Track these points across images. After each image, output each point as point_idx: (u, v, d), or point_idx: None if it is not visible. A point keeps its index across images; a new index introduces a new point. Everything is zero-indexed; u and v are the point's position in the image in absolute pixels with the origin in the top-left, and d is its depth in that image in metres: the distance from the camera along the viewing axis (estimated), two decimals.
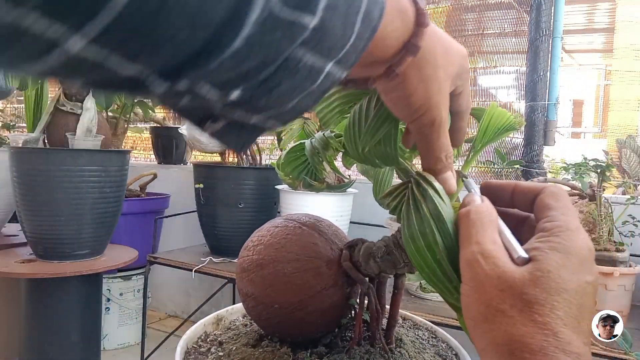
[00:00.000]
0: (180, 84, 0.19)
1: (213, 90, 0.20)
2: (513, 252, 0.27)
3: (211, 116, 0.24)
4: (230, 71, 0.19)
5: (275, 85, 0.22)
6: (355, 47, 0.23)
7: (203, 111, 0.23)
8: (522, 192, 0.32)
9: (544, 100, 1.63)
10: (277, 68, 0.21)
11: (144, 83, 0.18)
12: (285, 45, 0.20)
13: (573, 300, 0.25)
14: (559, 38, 1.61)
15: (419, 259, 0.32)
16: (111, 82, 0.18)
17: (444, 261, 0.31)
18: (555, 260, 0.26)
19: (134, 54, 0.17)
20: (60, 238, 1.39)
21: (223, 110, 0.23)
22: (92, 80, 0.18)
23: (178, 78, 0.19)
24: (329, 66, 0.23)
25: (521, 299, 0.25)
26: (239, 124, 0.24)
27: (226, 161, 1.68)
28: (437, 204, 0.31)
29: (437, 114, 0.32)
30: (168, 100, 0.21)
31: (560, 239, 0.27)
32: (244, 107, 0.23)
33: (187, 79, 0.19)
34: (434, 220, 0.31)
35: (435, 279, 0.31)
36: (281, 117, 0.25)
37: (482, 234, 0.28)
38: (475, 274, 0.27)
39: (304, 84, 0.23)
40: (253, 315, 0.48)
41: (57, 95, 1.47)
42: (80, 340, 1.46)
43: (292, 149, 0.53)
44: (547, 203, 0.30)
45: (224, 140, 0.26)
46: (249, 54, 0.19)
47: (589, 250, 0.27)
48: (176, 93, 0.20)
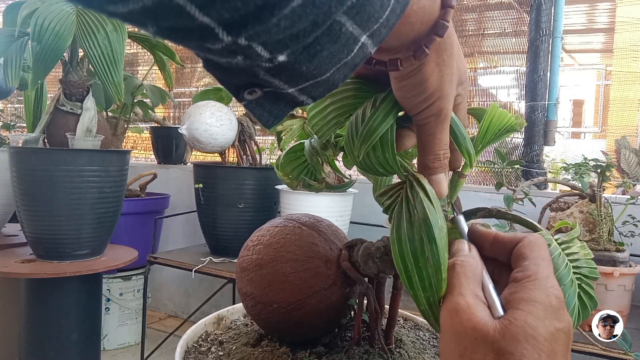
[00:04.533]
0: (241, 39, 0.20)
1: (265, 50, 0.21)
2: (494, 310, 0.29)
3: (250, 85, 0.25)
4: (285, 30, 0.20)
5: (317, 50, 0.23)
6: (388, 21, 0.24)
7: (245, 77, 0.24)
8: (501, 243, 0.33)
9: (544, 100, 1.63)
10: (322, 33, 0.22)
11: (214, 30, 0.19)
12: (335, 7, 0.21)
13: (543, 347, 0.26)
14: (559, 38, 1.61)
15: (400, 262, 0.32)
16: (184, 29, 0.19)
17: (426, 271, 0.31)
18: (523, 310, 0.27)
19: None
20: (60, 238, 1.39)
21: (266, 75, 0.24)
22: (168, 26, 0.19)
23: (241, 31, 0.19)
24: (364, 38, 0.24)
25: (492, 349, 0.26)
26: (273, 96, 0.26)
27: (226, 161, 1.68)
28: (426, 208, 0.31)
29: (445, 104, 0.33)
30: (222, 59, 0.22)
31: (527, 289, 0.28)
32: (286, 73, 0.24)
33: (248, 33, 0.20)
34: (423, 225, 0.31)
35: (415, 285, 0.31)
36: (314, 91, 0.26)
37: (465, 287, 0.30)
38: (453, 323, 0.28)
39: (341, 53, 0.24)
40: (252, 314, 0.48)
41: (57, 95, 1.47)
42: (80, 340, 1.46)
43: (292, 149, 0.53)
44: (522, 252, 0.31)
45: (255, 113, 0.27)
46: (304, 13, 0.20)
47: (557, 298, 0.28)
48: (233, 50, 0.21)
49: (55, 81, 2.61)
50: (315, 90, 0.26)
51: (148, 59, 2.71)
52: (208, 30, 0.19)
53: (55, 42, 1.23)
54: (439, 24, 0.29)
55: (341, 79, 0.26)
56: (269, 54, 0.21)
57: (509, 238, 0.32)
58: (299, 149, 0.52)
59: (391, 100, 0.34)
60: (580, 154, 1.63)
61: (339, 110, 0.38)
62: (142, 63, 2.88)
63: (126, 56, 2.36)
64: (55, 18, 1.24)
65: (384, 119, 0.34)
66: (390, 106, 0.34)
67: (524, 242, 0.31)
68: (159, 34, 0.20)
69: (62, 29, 1.24)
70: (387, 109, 0.34)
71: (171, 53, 1.71)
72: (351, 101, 0.38)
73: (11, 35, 1.38)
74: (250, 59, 0.22)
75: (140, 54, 2.85)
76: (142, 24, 0.19)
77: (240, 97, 0.26)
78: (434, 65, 0.31)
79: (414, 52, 0.30)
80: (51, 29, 1.23)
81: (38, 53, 1.23)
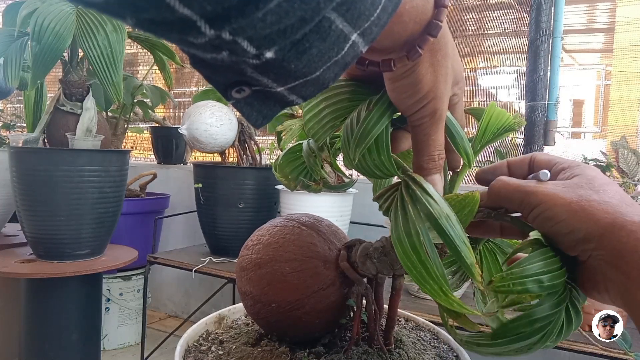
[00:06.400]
0: (225, 33, 0.19)
1: (251, 46, 0.21)
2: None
3: (237, 83, 0.24)
4: (272, 26, 0.20)
5: (306, 48, 0.22)
6: (379, 19, 0.24)
7: (233, 74, 0.24)
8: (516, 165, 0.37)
9: (544, 100, 1.63)
10: (311, 30, 0.21)
11: (196, 24, 0.18)
12: (324, 3, 0.20)
13: None
14: (559, 38, 1.61)
15: (406, 259, 0.32)
16: (164, 22, 0.19)
17: (429, 262, 0.31)
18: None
19: None
20: (60, 238, 1.39)
21: (253, 73, 0.23)
22: (147, 18, 0.19)
23: (224, 25, 0.19)
24: (354, 36, 0.23)
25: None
26: (262, 95, 0.25)
27: (226, 161, 1.68)
28: (427, 203, 0.31)
29: (439, 104, 0.33)
30: (206, 54, 0.22)
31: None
32: (274, 71, 0.23)
33: (232, 27, 0.19)
34: (423, 220, 0.31)
35: (423, 280, 0.31)
36: (304, 90, 0.25)
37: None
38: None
39: (331, 51, 0.23)
40: (252, 314, 0.48)
41: (57, 95, 1.47)
42: (80, 340, 1.46)
43: (291, 150, 0.53)
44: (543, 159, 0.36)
45: (244, 113, 0.26)
46: (291, 8, 0.19)
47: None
48: (217, 45, 0.20)
49: (55, 81, 2.61)
50: (305, 90, 0.25)
51: (148, 59, 2.71)
52: (189, 23, 0.18)
53: (54, 42, 1.23)
54: (433, 24, 0.29)
55: (332, 78, 0.25)
56: (256, 49, 0.21)
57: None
58: (297, 149, 0.52)
59: (385, 102, 0.34)
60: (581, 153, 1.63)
61: (334, 113, 0.38)
62: (142, 63, 2.88)
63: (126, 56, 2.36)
64: (55, 18, 1.24)
65: (378, 121, 0.34)
66: (385, 107, 0.34)
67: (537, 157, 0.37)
68: (139, 26, 0.19)
69: (61, 29, 1.24)
70: (381, 110, 0.34)
71: (171, 53, 1.71)
72: (346, 104, 0.38)
73: (11, 35, 1.38)
74: (236, 55, 0.21)
75: (140, 54, 2.85)
76: (120, 16, 0.18)
77: (228, 96, 0.25)
78: (428, 66, 0.31)
79: (407, 52, 0.30)
80: (51, 29, 1.23)
81: (38, 53, 1.23)
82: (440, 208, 0.31)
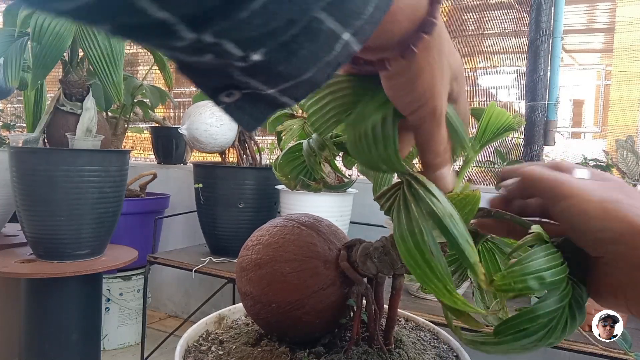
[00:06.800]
0: (207, 35, 0.19)
1: (237, 48, 0.20)
2: None
3: (226, 87, 0.23)
4: (258, 27, 0.19)
5: (296, 49, 0.21)
6: (372, 17, 0.23)
7: (220, 78, 0.23)
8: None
9: (544, 100, 1.63)
10: (300, 30, 0.21)
11: (174, 27, 0.18)
12: (312, 3, 0.20)
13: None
14: (559, 38, 1.61)
15: (409, 258, 0.31)
16: (140, 27, 0.18)
17: (432, 260, 0.31)
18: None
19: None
20: (60, 238, 1.39)
21: (241, 76, 0.22)
22: (121, 23, 0.18)
23: (206, 27, 0.18)
24: (347, 36, 0.23)
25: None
26: (253, 98, 0.24)
27: (226, 161, 1.68)
28: (430, 202, 0.31)
29: (438, 102, 0.32)
30: (190, 58, 0.21)
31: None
32: (263, 73, 0.22)
33: (214, 29, 0.18)
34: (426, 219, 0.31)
35: (426, 279, 0.31)
36: (296, 92, 0.25)
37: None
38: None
39: (322, 51, 0.23)
40: (252, 314, 0.48)
41: (57, 95, 1.47)
42: (80, 340, 1.46)
43: (291, 149, 0.53)
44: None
45: (235, 117, 0.25)
46: (278, 8, 0.19)
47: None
48: (200, 48, 0.19)
49: (55, 81, 2.61)
50: (297, 91, 0.25)
51: (148, 59, 2.71)
52: (166, 27, 0.18)
53: (55, 43, 1.23)
54: (427, 21, 0.28)
55: (324, 79, 0.25)
56: (242, 52, 0.20)
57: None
58: (297, 149, 0.52)
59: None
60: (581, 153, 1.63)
61: (339, 108, 0.38)
62: (142, 63, 2.88)
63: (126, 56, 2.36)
64: (55, 18, 1.24)
65: (380, 107, 0.34)
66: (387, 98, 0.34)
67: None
68: (116, 32, 0.18)
69: (62, 30, 1.24)
70: (384, 99, 0.34)
71: None
72: (351, 98, 0.37)
73: (11, 35, 1.38)
74: (221, 58, 0.20)
75: (140, 54, 2.85)
76: (94, 22, 0.17)
77: (218, 100, 0.24)
78: (424, 64, 0.30)
79: (401, 51, 0.29)
80: (51, 29, 1.23)
81: (38, 53, 1.23)
82: (444, 207, 0.31)
